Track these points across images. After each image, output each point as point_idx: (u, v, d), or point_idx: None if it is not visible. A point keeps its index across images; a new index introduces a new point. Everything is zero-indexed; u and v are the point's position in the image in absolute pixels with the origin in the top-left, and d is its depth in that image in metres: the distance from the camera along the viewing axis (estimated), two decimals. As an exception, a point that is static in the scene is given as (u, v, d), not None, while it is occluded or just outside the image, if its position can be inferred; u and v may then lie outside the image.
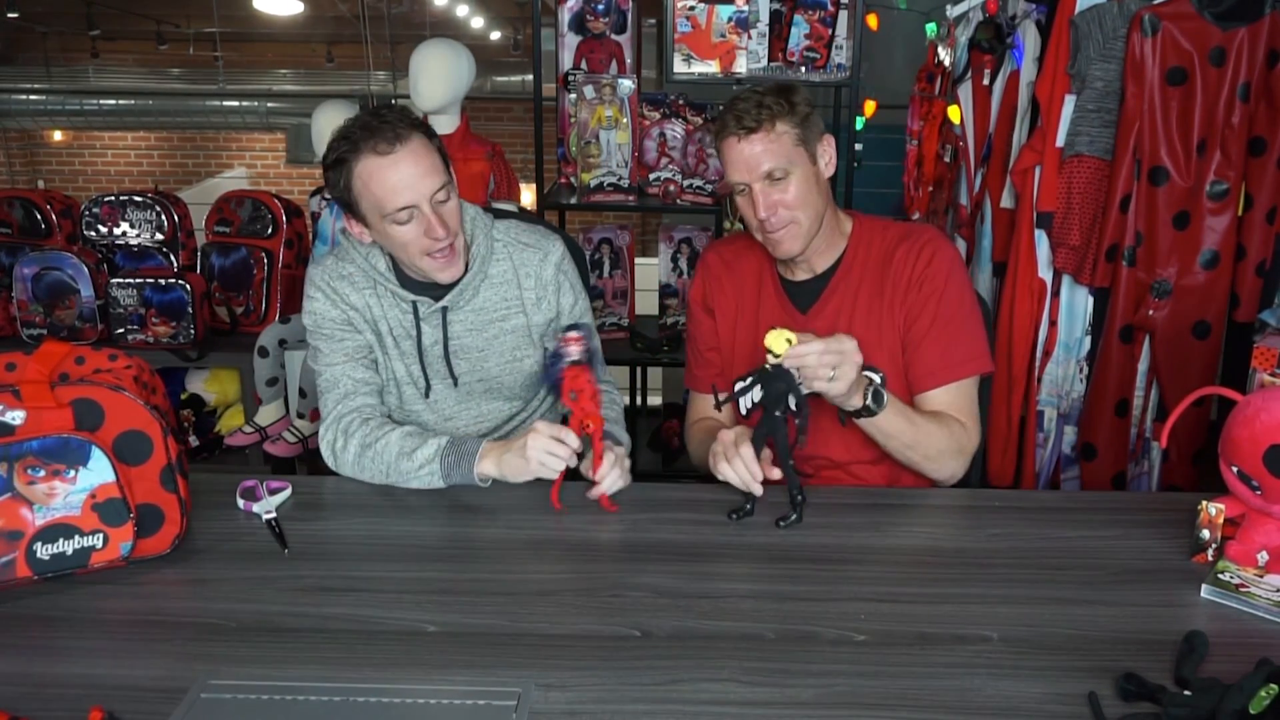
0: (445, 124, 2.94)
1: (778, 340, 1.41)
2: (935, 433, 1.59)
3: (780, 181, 1.58)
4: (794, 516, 1.47)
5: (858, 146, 3.11)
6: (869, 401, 1.51)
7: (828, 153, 1.64)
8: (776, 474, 1.49)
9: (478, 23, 9.08)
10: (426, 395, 1.75)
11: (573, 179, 2.98)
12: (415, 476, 1.58)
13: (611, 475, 1.52)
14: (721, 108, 1.62)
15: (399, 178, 1.53)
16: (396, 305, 1.71)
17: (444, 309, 1.70)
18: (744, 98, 1.58)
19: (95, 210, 3.38)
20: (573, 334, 1.49)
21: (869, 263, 1.68)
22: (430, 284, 1.69)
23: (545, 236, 1.78)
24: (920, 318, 1.63)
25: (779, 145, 1.56)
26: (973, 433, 1.63)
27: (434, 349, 1.73)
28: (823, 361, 1.41)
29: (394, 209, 1.54)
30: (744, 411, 1.49)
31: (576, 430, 1.51)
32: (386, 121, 1.54)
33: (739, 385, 1.47)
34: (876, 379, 1.60)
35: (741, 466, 1.48)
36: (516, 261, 1.74)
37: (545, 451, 1.50)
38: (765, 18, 2.75)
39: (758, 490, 1.48)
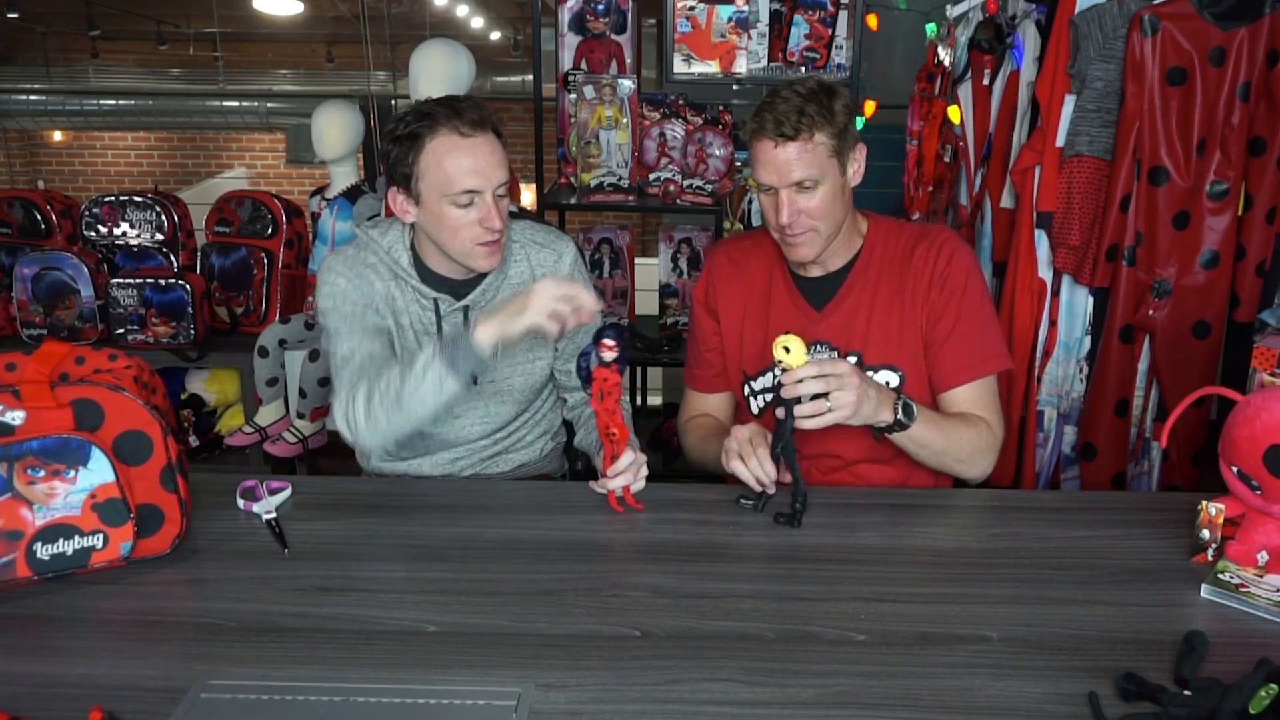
0: (445, 124, 2.94)
1: (777, 348, 1.42)
2: (964, 434, 1.60)
3: (809, 190, 1.57)
4: (785, 518, 1.47)
5: (858, 146, 3.10)
6: (900, 415, 1.52)
7: (858, 161, 1.63)
8: (789, 478, 1.50)
9: (478, 23, 9.08)
10: None
11: (573, 179, 2.98)
12: (424, 386, 1.53)
13: (625, 475, 1.52)
14: (762, 101, 1.59)
15: (473, 161, 1.57)
16: (417, 301, 1.71)
17: (465, 308, 1.70)
18: (785, 98, 1.55)
19: (95, 210, 3.38)
20: (609, 340, 1.47)
21: (886, 261, 1.67)
22: (451, 282, 1.70)
23: (558, 237, 1.81)
24: (944, 317, 1.63)
25: (814, 156, 1.55)
26: (997, 428, 1.65)
27: None
28: (818, 386, 1.42)
29: (459, 190, 1.57)
30: (755, 411, 1.49)
31: (602, 432, 1.51)
32: (470, 108, 1.59)
33: (755, 385, 1.47)
34: (896, 380, 1.61)
35: (756, 465, 1.49)
36: (533, 262, 1.76)
37: (555, 296, 1.48)
38: (765, 18, 2.75)
39: (770, 489, 1.49)
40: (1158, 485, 2.47)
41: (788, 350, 1.41)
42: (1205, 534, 1.36)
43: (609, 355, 1.47)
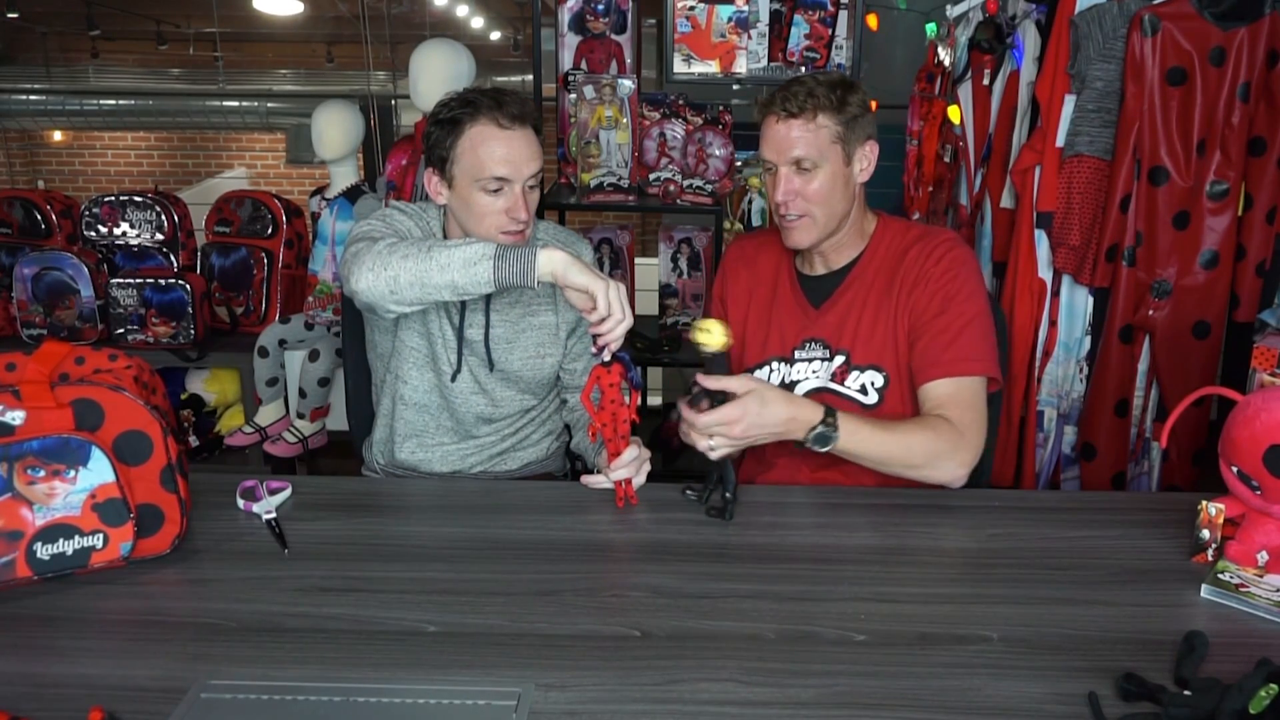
0: (445, 124, 2.94)
1: (699, 332, 1.44)
2: (912, 440, 1.54)
3: (807, 172, 1.58)
4: (716, 511, 1.49)
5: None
6: (809, 442, 1.50)
7: (867, 158, 1.64)
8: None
9: (478, 23, 9.09)
10: (454, 379, 1.76)
11: (573, 179, 2.98)
12: (460, 253, 1.47)
13: (628, 468, 1.52)
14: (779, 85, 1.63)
15: (507, 151, 1.60)
16: None
17: (488, 297, 1.72)
18: (801, 80, 1.59)
19: (95, 210, 3.38)
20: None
21: (885, 262, 1.67)
22: None
23: (578, 240, 1.86)
24: (926, 311, 1.62)
25: (815, 136, 1.57)
26: (968, 431, 1.56)
27: (470, 331, 1.75)
28: (746, 439, 1.46)
29: (490, 177, 1.60)
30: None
31: (594, 434, 1.52)
32: (512, 102, 1.63)
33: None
34: (880, 380, 1.61)
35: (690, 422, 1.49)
36: None
37: (621, 293, 1.45)
38: (765, 18, 2.75)
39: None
40: (1158, 485, 2.47)
41: (709, 333, 1.44)
42: (1205, 534, 1.36)
43: (605, 354, 1.48)
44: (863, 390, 1.64)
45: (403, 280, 1.50)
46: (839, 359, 1.66)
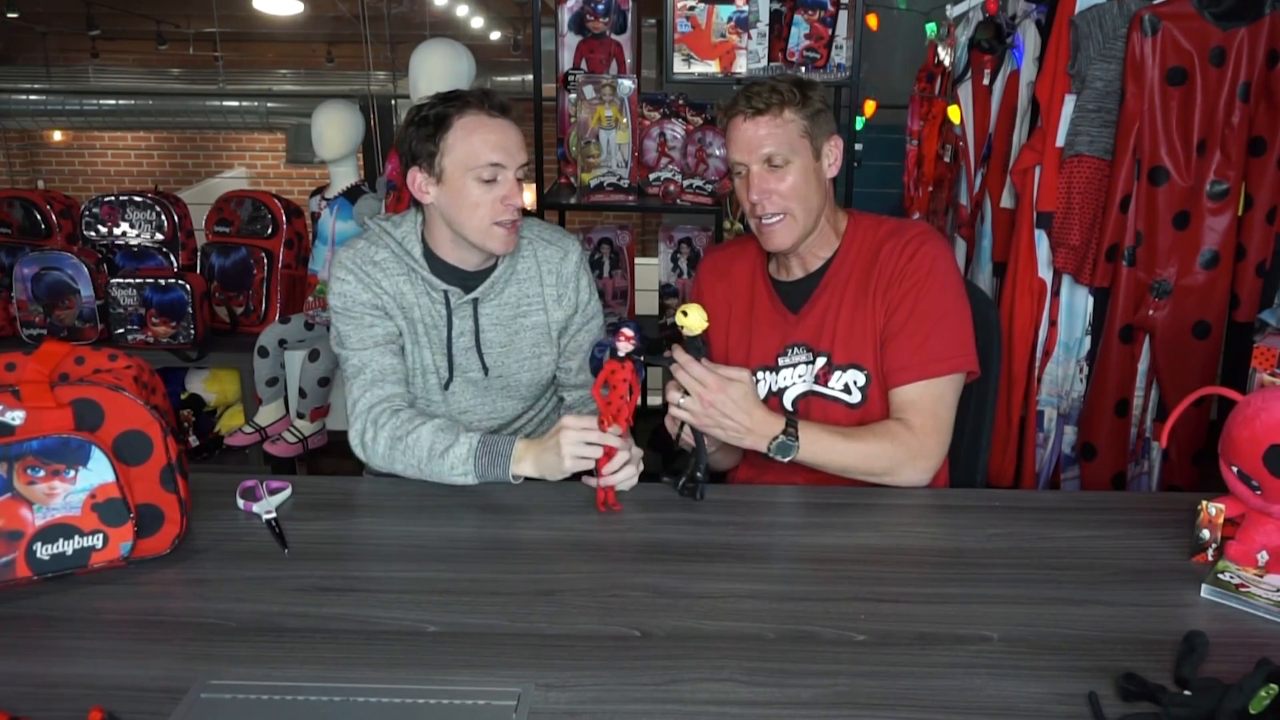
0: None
1: (678, 314, 1.48)
2: (872, 449, 1.57)
3: (779, 169, 1.58)
4: (689, 490, 1.54)
5: (858, 146, 3.11)
6: (772, 452, 1.53)
7: (833, 153, 1.64)
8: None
9: (478, 23, 9.09)
10: (446, 388, 1.76)
11: (573, 179, 2.98)
12: (448, 476, 1.58)
13: (623, 472, 1.52)
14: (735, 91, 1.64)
15: (500, 137, 1.63)
16: (428, 293, 1.73)
17: (474, 301, 1.72)
18: (760, 82, 1.60)
19: (95, 210, 3.38)
20: (628, 331, 1.49)
21: (858, 260, 1.67)
22: (460, 273, 1.73)
23: (565, 236, 1.84)
24: (898, 311, 1.61)
25: (784, 132, 1.58)
26: (928, 437, 1.58)
27: (460, 340, 1.75)
28: (707, 416, 1.51)
29: (486, 163, 1.62)
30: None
31: (604, 426, 1.51)
32: (494, 96, 1.67)
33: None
34: (862, 379, 1.61)
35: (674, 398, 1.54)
36: (540, 258, 1.78)
37: (580, 445, 1.51)
38: (765, 18, 2.75)
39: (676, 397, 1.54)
40: (1158, 485, 2.47)
41: (685, 315, 1.47)
42: (1205, 534, 1.36)
43: (625, 347, 1.48)
44: (846, 390, 1.64)
45: (408, 476, 1.63)
46: (821, 361, 1.66)
